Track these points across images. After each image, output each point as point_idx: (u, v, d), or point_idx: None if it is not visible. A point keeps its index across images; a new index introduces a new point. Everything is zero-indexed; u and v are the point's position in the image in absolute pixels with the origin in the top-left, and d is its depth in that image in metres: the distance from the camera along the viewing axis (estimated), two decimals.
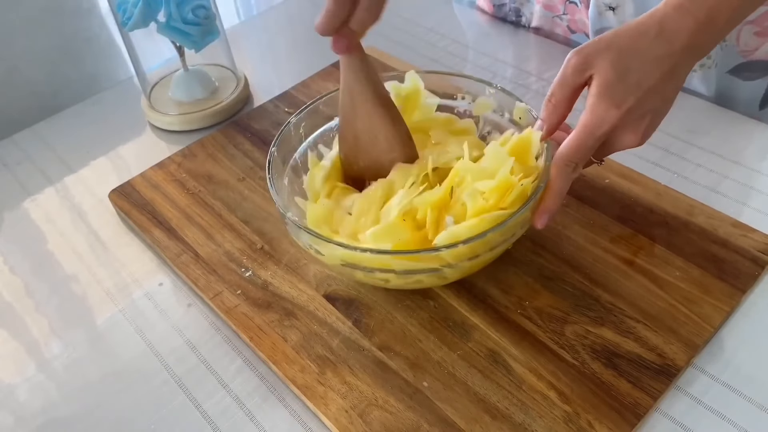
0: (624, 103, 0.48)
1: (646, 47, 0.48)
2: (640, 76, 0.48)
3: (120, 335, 0.57)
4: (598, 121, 0.48)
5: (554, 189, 0.50)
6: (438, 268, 0.49)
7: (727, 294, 0.53)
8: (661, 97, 0.49)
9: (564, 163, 0.49)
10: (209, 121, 0.78)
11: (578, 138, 0.49)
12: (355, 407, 0.49)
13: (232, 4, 1.53)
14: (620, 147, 0.51)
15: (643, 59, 0.48)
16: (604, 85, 0.48)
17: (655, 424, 0.48)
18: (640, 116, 0.49)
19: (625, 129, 0.49)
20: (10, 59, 0.88)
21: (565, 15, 0.82)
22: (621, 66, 0.48)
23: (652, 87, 0.48)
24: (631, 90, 0.48)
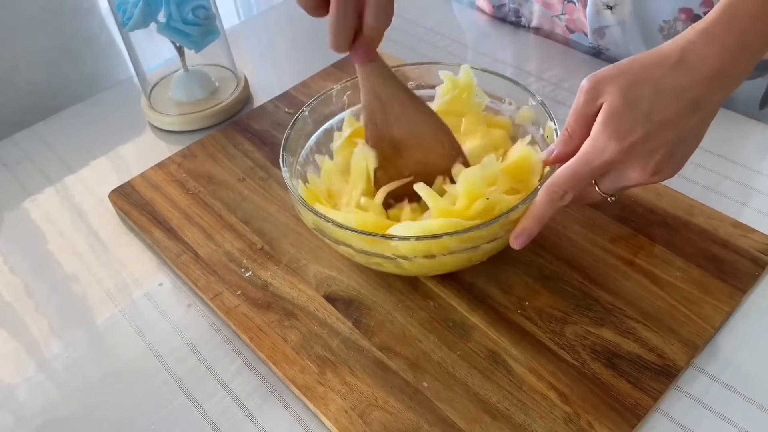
0: (629, 135, 0.44)
1: (661, 76, 0.44)
2: (652, 108, 0.44)
3: (120, 335, 0.58)
4: (597, 152, 0.46)
5: (536, 213, 0.48)
6: (392, 257, 0.50)
7: (727, 294, 0.53)
8: (678, 131, 0.45)
9: (552, 190, 0.47)
10: (209, 121, 0.78)
11: (573, 166, 0.47)
12: (355, 408, 0.49)
13: (232, 4, 1.53)
14: (625, 183, 0.48)
15: (658, 89, 0.44)
16: (610, 114, 0.45)
17: (655, 424, 0.48)
18: (649, 151, 0.45)
19: (629, 164, 0.46)
20: (10, 59, 0.88)
21: (563, 15, 0.82)
22: (631, 95, 0.44)
23: (665, 120, 0.44)
24: (639, 122, 0.44)
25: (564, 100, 0.75)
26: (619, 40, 0.77)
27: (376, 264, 0.54)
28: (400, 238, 0.49)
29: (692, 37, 0.45)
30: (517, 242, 0.49)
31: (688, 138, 0.47)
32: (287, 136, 0.58)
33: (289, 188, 0.54)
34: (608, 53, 0.80)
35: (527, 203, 0.49)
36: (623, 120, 0.45)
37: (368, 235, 0.50)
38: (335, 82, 0.64)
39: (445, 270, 0.55)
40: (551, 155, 0.50)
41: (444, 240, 0.48)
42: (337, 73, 0.81)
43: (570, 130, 0.49)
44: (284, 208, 0.65)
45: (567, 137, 0.49)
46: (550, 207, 0.48)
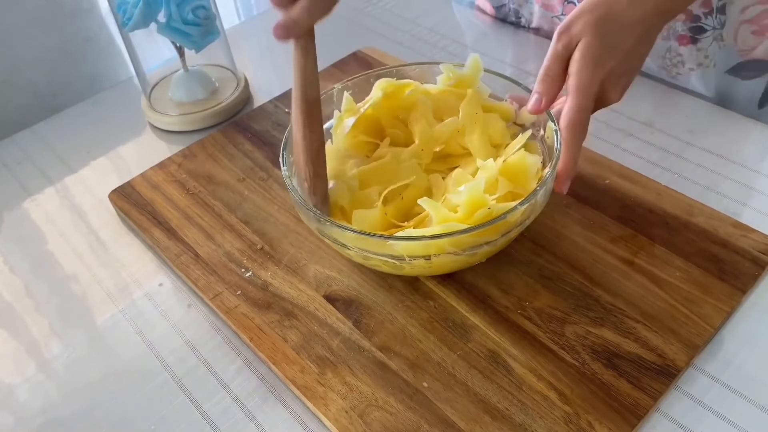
0: (607, 63, 0.52)
1: (621, 11, 0.52)
2: (619, 39, 0.52)
3: (120, 335, 0.58)
4: (588, 82, 0.52)
5: (570, 153, 0.53)
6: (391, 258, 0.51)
7: (728, 294, 0.53)
8: (636, 57, 0.55)
9: (575, 126, 0.52)
10: (209, 121, 0.78)
11: (577, 101, 0.52)
12: (355, 408, 0.49)
13: (232, 4, 1.53)
14: (606, 104, 0.55)
15: (621, 23, 0.52)
16: (588, 48, 0.52)
17: (655, 424, 0.48)
18: (619, 75, 0.54)
19: (608, 87, 0.54)
20: (10, 59, 0.88)
21: (563, 15, 0.82)
22: (603, 30, 0.52)
23: (630, 49, 0.53)
24: (612, 52, 0.52)
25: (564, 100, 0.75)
26: None
27: (374, 265, 0.54)
28: (397, 238, 0.50)
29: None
30: (563, 186, 0.54)
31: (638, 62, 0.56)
32: (287, 136, 0.58)
33: (289, 188, 0.54)
34: None
35: (525, 205, 0.49)
36: (601, 51, 0.52)
37: (368, 236, 0.50)
38: (335, 82, 0.64)
39: (444, 271, 0.55)
40: (540, 103, 0.55)
41: (443, 242, 0.48)
42: (337, 73, 0.81)
43: (551, 73, 0.55)
44: (284, 208, 0.65)
45: (550, 80, 0.55)
46: (579, 142, 0.53)
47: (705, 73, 0.73)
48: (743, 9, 0.67)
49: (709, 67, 0.72)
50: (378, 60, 0.82)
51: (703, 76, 0.73)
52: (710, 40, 0.70)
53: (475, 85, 0.61)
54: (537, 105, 0.55)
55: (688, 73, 0.74)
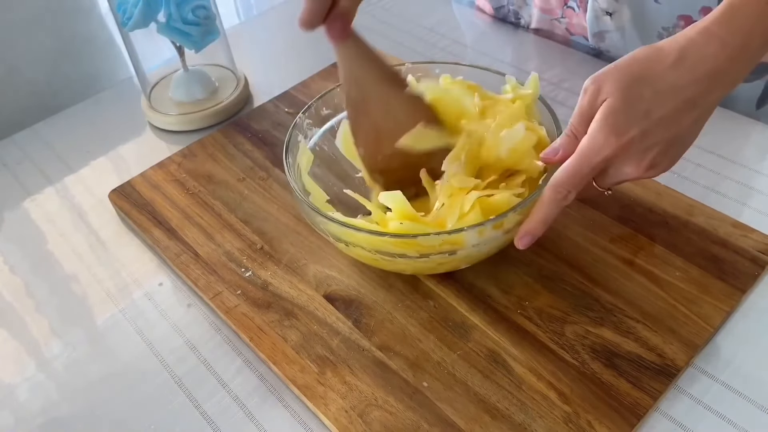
0: (626, 133, 0.45)
1: (660, 74, 0.45)
2: (651, 106, 0.45)
3: (120, 335, 0.58)
4: (596, 149, 0.46)
5: (541, 214, 0.48)
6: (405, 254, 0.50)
7: (727, 294, 0.53)
8: (674, 129, 0.46)
9: (556, 190, 0.47)
10: (209, 121, 0.78)
11: (574, 165, 0.47)
12: (355, 407, 0.49)
13: (232, 4, 1.54)
14: (621, 177, 0.48)
15: (657, 88, 0.45)
16: (609, 111, 0.45)
17: (655, 424, 0.48)
18: (645, 148, 0.46)
19: (625, 160, 0.47)
20: (10, 59, 0.88)
21: (563, 18, 0.82)
22: (631, 93, 0.45)
23: (662, 118, 0.45)
24: (637, 120, 0.45)
25: (564, 100, 0.75)
26: (619, 44, 0.77)
27: (374, 261, 0.54)
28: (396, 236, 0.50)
29: (692, 36, 0.45)
30: (521, 243, 0.49)
31: (683, 135, 0.47)
32: (289, 137, 0.57)
33: (292, 188, 0.54)
34: (609, 54, 0.80)
35: (518, 210, 0.49)
36: (622, 118, 0.45)
37: (366, 233, 0.50)
38: (335, 82, 0.64)
39: (443, 270, 0.55)
40: (557, 154, 0.50)
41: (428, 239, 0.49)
42: (337, 73, 0.81)
43: (574, 130, 0.49)
44: (284, 208, 0.65)
45: (572, 137, 0.49)
46: (555, 207, 0.48)
47: None
48: None
49: None
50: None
51: None
52: None
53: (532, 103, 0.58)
54: (552, 155, 0.50)
55: None
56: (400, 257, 0.51)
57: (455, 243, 0.49)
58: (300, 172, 0.58)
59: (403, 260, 0.51)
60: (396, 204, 0.52)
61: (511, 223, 0.50)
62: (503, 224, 0.49)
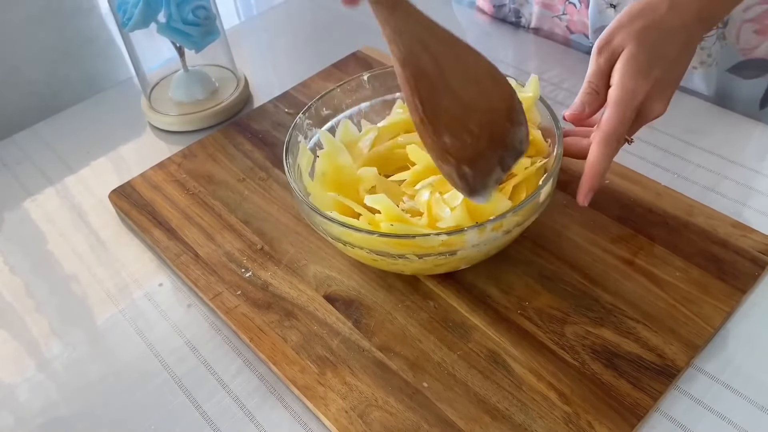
0: (651, 73, 0.50)
1: (660, 21, 0.50)
2: (664, 48, 0.50)
3: (120, 335, 0.58)
4: (631, 93, 0.50)
5: (601, 167, 0.50)
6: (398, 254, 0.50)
7: (727, 294, 0.53)
8: (680, 66, 0.52)
9: (609, 139, 0.50)
10: (209, 121, 0.78)
11: (617, 113, 0.50)
12: (355, 408, 0.49)
13: (232, 4, 1.54)
14: (651, 117, 0.52)
15: (663, 32, 0.50)
16: (631, 58, 0.50)
17: (655, 424, 0.48)
18: (666, 85, 0.51)
19: (654, 99, 0.51)
20: (10, 59, 0.88)
21: (564, 15, 0.82)
22: (644, 39, 0.50)
23: (673, 58, 0.51)
24: (657, 60, 0.50)
25: (564, 100, 0.75)
26: None
27: (373, 260, 0.54)
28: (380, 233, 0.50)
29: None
30: (585, 199, 0.51)
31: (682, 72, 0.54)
32: (289, 137, 0.57)
33: (292, 188, 0.54)
34: None
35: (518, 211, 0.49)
36: (644, 61, 0.50)
37: (364, 233, 0.50)
38: (335, 82, 0.65)
39: (442, 270, 0.55)
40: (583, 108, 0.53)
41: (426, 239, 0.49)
42: (337, 73, 0.81)
43: (595, 87, 0.52)
44: (284, 208, 0.65)
45: (594, 93, 0.52)
46: (609, 159, 0.51)
47: (706, 72, 0.73)
48: (746, 8, 0.67)
49: (710, 66, 0.72)
50: (378, 60, 0.82)
51: (704, 74, 0.73)
52: (713, 39, 0.70)
53: (532, 105, 0.58)
54: (580, 110, 0.52)
55: (690, 72, 0.74)
56: (400, 258, 0.51)
57: (454, 244, 0.49)
58: (300, 172, 0.58)
59: (402, 261, 0.51)
60: (384, 206, 0.52)
61: (510, 224, 0.50)
62: (503, 225, 0.49)
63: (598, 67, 0.52)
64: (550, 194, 0.52)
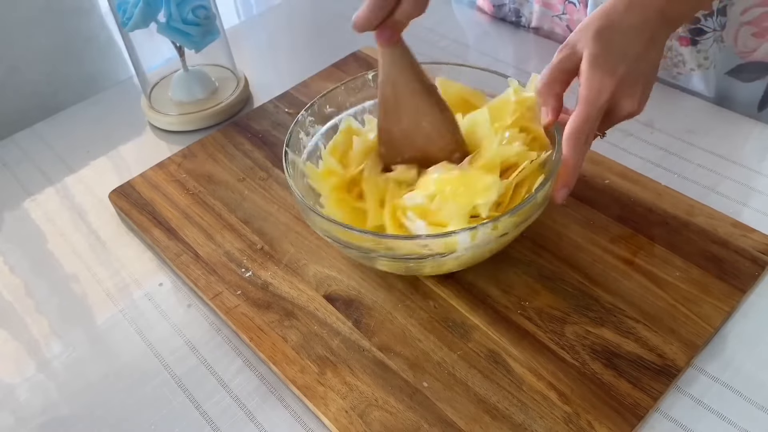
0: (616, 71, 0.50)
1: (619, 20, 0.51)
2: (624, 45, 0.51)
3: (120, 335, 0.58)
4: (596, 92, 0.50)
5: (570, 163, 0.51)
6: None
7: (727, 294, 0.53)
8: (647, 63, 0.52)
9: (576, 137, 0.51)
10: (209, 121, 0.78)
11: (582, 111, 0.51)
12: (355, 407, 0.49)
13: (232, 4, 1.54)
14: (622, 115, 0.53)
15: (622, 30, 0.51)
16: (593, 57, 0.50)
17: (655, 424, 0.48)
18: (633, 82, 0.51)
19: (623, 96, 0.51)
20: (10, 59, 0.88)
21: (564, 15, 0.82)
22: (604, 39, 0.50)
23: (637, 54, 0.51)
24: (620, 58, 0.50)
25: (564, 100, 0.74)
26: None
27: (365, 258, 0.54)
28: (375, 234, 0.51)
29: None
30: (560, 196, 0.52)
31: (652, 69, 0.54)
32: (289, 137, 0.57)
33: (291, 189, 0.54)
34: None
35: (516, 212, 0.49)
36: (607, 59, 0.50)
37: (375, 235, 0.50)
38: (335, 82, 0.64)
39: (442, 271, 0.55)
40: (546, 115, 0.54)
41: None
42: (337, 73, 0.81)
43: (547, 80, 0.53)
44: (284, 208, 0.65)
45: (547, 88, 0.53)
46: (580, 154, 0.51)
47: (705, 74, 0.73)
48: (743, 11, 0.67)
49: (709, 69, 0.72)
50: (378, 60, 0.81)
51: (703, 76, 0.73)
52: (710, 42, 0.70)
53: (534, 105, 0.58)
54: (545, 118, 0.54)
55: (689, 73, 0.74)
56: (401, 259, 0.51)
57: (448, 246, 0.49)
58: (301, 171, 0.58)
59: (400, 262, 0.51)
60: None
61: (507, 226, 0.50)
62: (498, 227, 0.49)
63: (552, 63, 0.53)
64: (548, 196, 0.52)
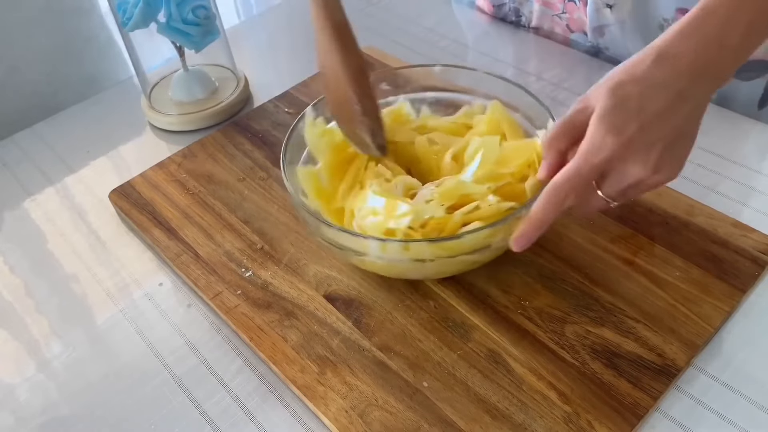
0: (625, 130, 0.45)
1: (643, 73, 0.45)
2: (642, 102, 0.45)
3: (120, 335, 0.58)
4: (595, 148, 0.45)
5: (537, 216, 0.47)
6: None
7: (727, 294, 0.53)
8: (671, 123, 0.45)
9: (554, 192, 0.46)
10: (209, 121, 0.78)
11: (573, 166, 0.46)
12: (355, 407, 0.49)
13: (232, 4, 1.54)
14: (628, 180, 0.47)
15: (644, 85, 0.45)
16: (603, 113, 0.45)
17: (655, 424, 0.48)
18: (647, 145, 0.46)
19: (629, 160, 0.46)
20: (10, 59, 0.88)
21: (564, 14, 0.82)
22: (619, 93, 0.45)
23: (657, 112, 0.45)
24: (632, 116, 0.45)
25: (564, 100, 0.75)
26: (619, 38, 0.77)
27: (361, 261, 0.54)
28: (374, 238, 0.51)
29: (667, 36, 0.46)
30: (516, 245, 0.49)
31: (683, 132, 0.47)
32: (288, 137, 0.57)
33: (290, 192, 0.54)
34: (607, 52, 0.80)
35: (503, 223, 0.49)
36: (617, 116, 0.45)
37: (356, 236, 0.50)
38: None
39: (443, 274, 0.55)
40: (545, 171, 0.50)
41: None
42: None
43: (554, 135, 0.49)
44: (284, 208, 0.65)
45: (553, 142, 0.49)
46: (552, 211, 0.47)
47: None
48: None
49: None
50: (378, 60, 0.82)
51: None
52: None
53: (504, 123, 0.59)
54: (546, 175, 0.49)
55: None
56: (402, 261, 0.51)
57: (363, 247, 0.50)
58: None
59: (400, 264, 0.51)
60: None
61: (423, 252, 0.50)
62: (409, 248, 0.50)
63: (564, 117, 0.48)
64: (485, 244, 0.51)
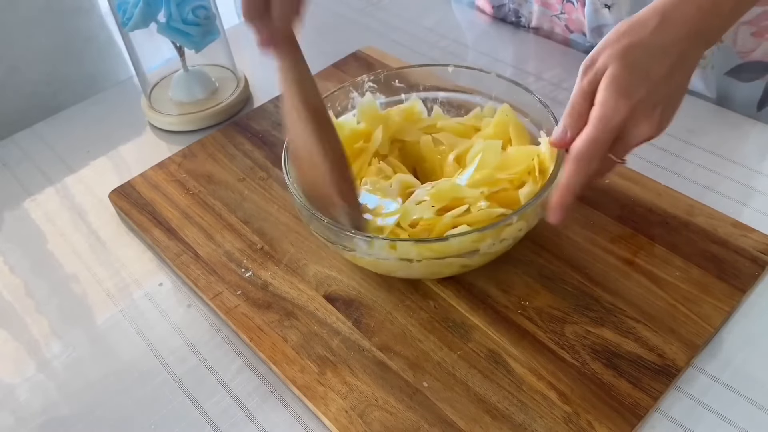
0: (634, 94, 0.48)
1: (648, 37, 0.48)
2: (649, 66, 0.48)
3: (120, 335, 0.58)
4: (610, 113, 0.48)
5: (569, 183, 0.49)
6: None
7: (727, 294, 0.53)
8: (670, 86, 0.50)
9: (580, 158, 0.49)
10: (209, 121, 0.78)
11: (592, 132, 0.49)
12: (355, 407, 0.49)
13: (232, 4, 1.53)
14: (637, 139, 0.51)
15: (649, 50, 0.48)
16: (613, 78, 0.48)
17: (655, 424, 0.48)
18: (652, 106, 0.49)
19: (639, 120, 0.49)
20: (10, 59, 0.88)
21: (562, 14, 0.82)
22: (628, 59, 0.48)
23: (661, 76, 0.48)
24: (641, 81, 0.48)
25: (564, 100, 0.74)
26: None
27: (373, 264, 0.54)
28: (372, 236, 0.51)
29: (667, 1, 0.49)
30: (554, 216, 0.50)
31: (678, 91, 0.51)
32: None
33: (291, 192, 0.54)
34: None
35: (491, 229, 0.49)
36: (627, 81, 0.48)
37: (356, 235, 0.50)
38: (335, 82, 0.65)
39: (441, 275, 0.55)
40: (565, 134, 0.51)
41: None
42: (337, 73, 0.81)
43: (577, 107, 0.51)
44: (284, 208, 0.65)
45: (576, 114, 0.51)
46: (582, 176, 0.49)
47: (705, 74, 0.73)
48: None
49: (708, 69, 0.72)
50: (378, 60, 0.82)
51: (703, 76, 0.73)
52: None
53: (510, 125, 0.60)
54: (562, 136, 0.51)
55: None
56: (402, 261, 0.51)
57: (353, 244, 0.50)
58: None
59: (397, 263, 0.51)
60: None
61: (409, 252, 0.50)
62: (395, 247, 0.50)
63: (581, 89, 0.50)
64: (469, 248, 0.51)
